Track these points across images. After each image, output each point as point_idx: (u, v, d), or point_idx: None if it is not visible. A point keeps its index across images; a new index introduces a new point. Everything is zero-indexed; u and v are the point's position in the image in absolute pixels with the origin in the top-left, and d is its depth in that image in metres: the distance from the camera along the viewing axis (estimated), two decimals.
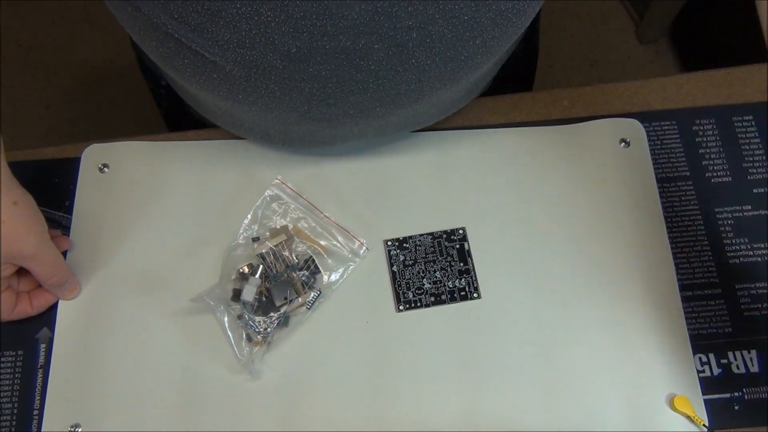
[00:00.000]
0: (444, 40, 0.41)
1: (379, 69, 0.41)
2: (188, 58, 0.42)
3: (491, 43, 0.43)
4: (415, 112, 0.49)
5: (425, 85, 0.44)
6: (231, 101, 0.45)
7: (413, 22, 0.39)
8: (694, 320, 0.50)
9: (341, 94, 0.43)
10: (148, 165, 0.56)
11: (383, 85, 0.43)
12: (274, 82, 0.42)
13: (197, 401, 0.48)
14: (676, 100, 0.58)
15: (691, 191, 0.54)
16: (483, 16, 0.40)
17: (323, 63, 0.40)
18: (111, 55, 1.40)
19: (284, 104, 0.44)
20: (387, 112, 0.47)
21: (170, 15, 0.39)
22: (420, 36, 0.40)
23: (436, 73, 0.43)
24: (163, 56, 0.43)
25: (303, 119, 0.47)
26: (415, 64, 0.42)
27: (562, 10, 1.41)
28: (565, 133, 0.56)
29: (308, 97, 0.43)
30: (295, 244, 0.52)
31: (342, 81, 0.42)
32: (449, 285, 0.51)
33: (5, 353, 0.50)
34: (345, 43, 0.39)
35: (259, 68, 0.41)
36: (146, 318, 0.51)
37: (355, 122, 0.48)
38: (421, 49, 0.41)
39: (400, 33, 0.39)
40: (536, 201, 0.54)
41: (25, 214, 0.46)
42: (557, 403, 0.48)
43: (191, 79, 0.44)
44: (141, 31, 0.42)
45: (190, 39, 0.40)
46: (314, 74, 0.41)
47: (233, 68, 0.41)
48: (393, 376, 0.49)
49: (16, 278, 0.49)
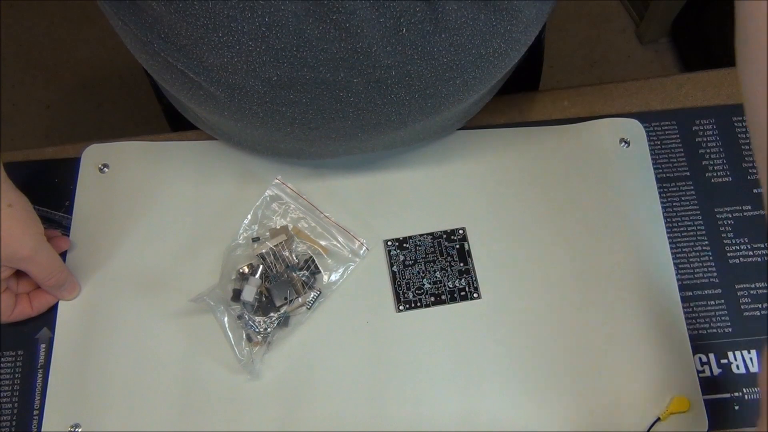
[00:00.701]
0: (423, 79, 0.41)
1: (359, 101, 0.42)
2: (175, 74, 0.42)
3: (472, 82, 0.43)
4: (399, 138, 0.49)
5: (406, 117, 0.45)
6: (218, 116, 0.46)
7: (391, 61, 0.39)
8: (694, 320, 0.50)
9: (322, 120, 0.44)
10: (149, 165, 0.56)
11: (363, 115, 0.43)
12: (257, 104, 0.42)
13: (197, 401, 0.48)
14: (676, 100, 0.58)
15: (691, 191, 0.54)
16: (463, 59, 0.40)
17: (303, 91, 0.41)
18: (111, 55, 1.41)
19: (268, 124, 0.45)
20: (369, 137, 0.47)
21: (157, 35, 0.39)
22: (399, 74, 0.40)
23: (416, 107, 0.44)
24: (153, 68, 0.44)
25: (288, 138, 0.47)
26: (394, 98, 0.42)
27: (562, 11, 1.41)
28: (566, 133, 0.56)
29: (290, 120, 0.44)
30: (295, 244, 0.52)
31: (322, 109, 0.42)
32: (449, 285, 0.51)
33: (5, 353, 0.50)
34: (325, 75, 0.39)
35: (242, 91, 0.41)
36: (146, 318, 0.51)
37: (339, 144, 0.48)
38: (400, 85, 0.41)
39: (379, 71, 0.39)
40: (536, 201, 0.54)
41: (20, 216, 0.46)
42: (557, 403, 0.48)
43: (180, 93, 0.45)
44: (131, 43, 0.42)
45: (176, 59, 0.40)
46: (295, 100, 0.42)
47: (217, 89, 0.41)
48: (393, 376, 0.49)
49: (15, 280, 0.49)
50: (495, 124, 0.57)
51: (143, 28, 0.39)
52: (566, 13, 1.41)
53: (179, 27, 0.37)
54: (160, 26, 0.38)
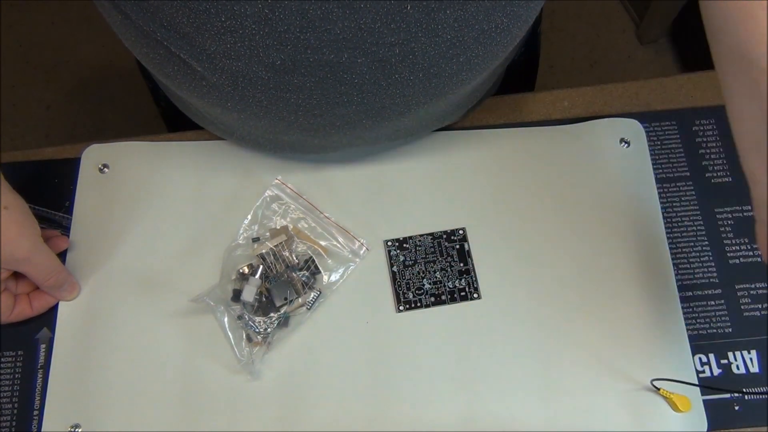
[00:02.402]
0: (427, 57, 0.41)
1: (363, 83, 0.42)
2: (177, 65, 0.42)
3: (476, 60, 0.43)
4: (403, 125, 0.49)
5: (410, 100, 0.44)
6: (220, 108, 0.45)
7: (395, 38, 0.39)
8: (694, 320, 0.50)
9: (327, 106, 0.44)
10: (148, 165, 0.56)
11: (367, 98, 0.43)
12: (260, 92, 0.42)
13: (197, 401, 0.48)
14: (676, 101, 0.58)
15: (691, 191, 0.54)
16: (466, 35, 0.40)
17: (307, 75, 0.41)
18: (111, 55, 1.41)
19: (272, 113, 0.45)
20: (374, 124, 0.47)
21: (159, 23, 0.39)
22: (403, 52, 0.40)
23: (421, 89, 0.44)
24: (153, 62, 0.43)
25: (291, 128, 0.47)
26: (398, 78, 0.42)
27: (562, 11, 1.41)
28: (565, 133, 0.56)
29: (294, 107, 0.44)
30: (295, 244, 0.52)
31: (327, 93, 0.42)
32: (449, 285, 0.51)
33: (5, 354, 0.50)
34: (329, 56, 0.39)
35: (245, 78, 0.41)
36: (146, 318, 0.51)
37: (344, 133, 0.48)
38: (404, 64, 0.41)
39: (383, 49, 0.39)
40: (536, 201, 0.54)
41: (16, 218, 0.45)
42: (557, 404, 0.48)
43: (181, 86, 0.44)
44: (132, 37, 0.42)
45: (178, 47, 0.40)
46: (299, 85, 0.41)
47: (220, 78, 0.41)
48: (393, 376, 0.49)
49: (14, 281, 0.49)
50: (495, 125, 0.57)
51: (145, 17, 0.39)
52: (566, 13, 1.41)
53: (181, 14, 0.37)
54: (162, 14, 0.38)
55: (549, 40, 1.38)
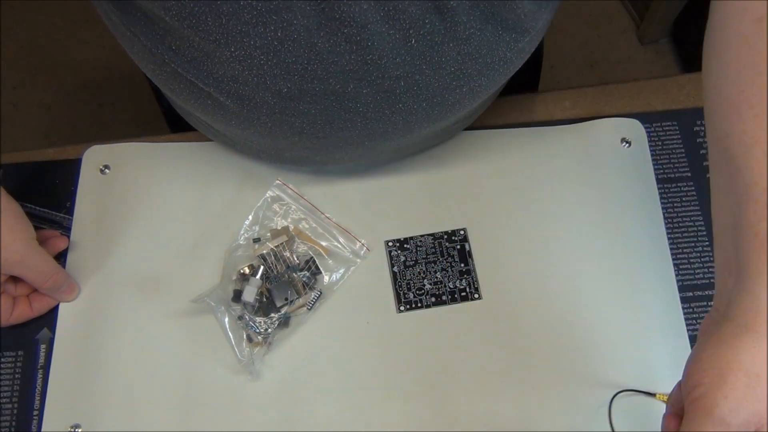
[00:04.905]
0: (431, 88, 0.41)
1: (367, 111, 0.42)
2: (184, 83, 0.42)
3: (478, 89, 0.44)
4: (405, 144, 0.50)
5: (413, 125, 0.45)
6: (225, 124, 0.46)
7: (401, 71, 0.40)
8: (694, 320, 0.50)
9: (330, 130, 0.44)
10: (149, 166, 0.56)
11: (371, 124, 0.44)
12: (265, 115, 0.43)
13: (198, 402, 0.48)
14: (677, 101, 0.58)
15: (692, 192, 0.54)
16: (469, 68, 0.41)
17: (313, 102, 0.41)
18: (112, 56, 1.41)
19: (275, 134, 0.45)
20: (376, 145, 0.47)
21: (168, 46, 0.39)
22: (407, 84, 0.41)
23: (423, 115, 0.44)
24: (159, 78, 0.44)
25: (294, 147, 0.48)
26: (402, 107, 0.43)
27: (563, 11, 1.41)
28: (567, 133, 0.56)
29: (299, 130, 0.44)
30: (296, 244, 0.52)
31: (331, 119, 0.43)
32: (450, 286, 0.51)
33: (5, 354, 0.50)
34: (335, 86, 0.40)
35: (252, 102, 0.41)
36: (147, 319, 0.51)
37: (345, 152, 0.49)
38: (408, 95, 0.42)
39: (388, 81, 0.40)
40: (537, 201, 0.54)
41: (9, 221, 0.45)
42: (557, 404, 0.48)
43: (187, 101, 0.45)
44: (139, 53, 0.42)
45: (186, 69, 0.40)
46: (304, 111, 0.42)
47: (226, 100, 0.42)
48: (393, 376, 0.49)
49: (13, 284, 0.49)
50: (496, 125, 0.57)
51: (153, 39, 0.39)
52: (567, 13, 1.41)
53: (191, 40, 0.38)
54: (171, 38, 0.38)
55: (549, 40, 1.37)
